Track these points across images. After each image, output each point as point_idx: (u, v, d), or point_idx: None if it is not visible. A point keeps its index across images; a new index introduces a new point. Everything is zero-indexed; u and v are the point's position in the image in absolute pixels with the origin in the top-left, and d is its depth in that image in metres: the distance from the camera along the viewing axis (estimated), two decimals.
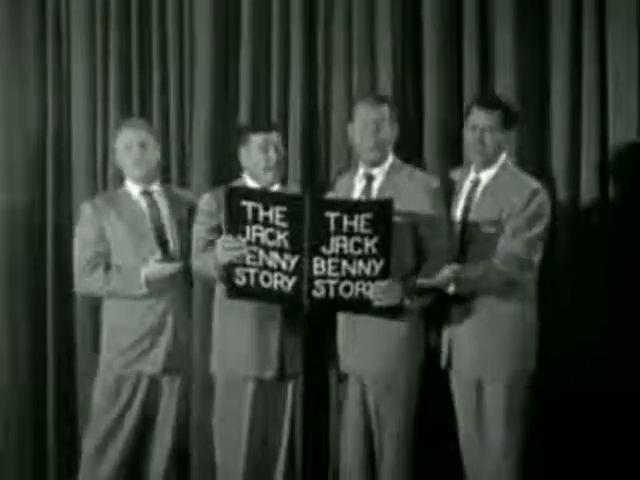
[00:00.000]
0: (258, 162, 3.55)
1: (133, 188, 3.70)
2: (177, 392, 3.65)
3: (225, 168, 4.13)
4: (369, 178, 3.53)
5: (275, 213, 3.27)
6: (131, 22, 4.34)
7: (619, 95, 3.71)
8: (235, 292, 3.36)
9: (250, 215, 3.28)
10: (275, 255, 3.29)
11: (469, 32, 3.90)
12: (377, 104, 3.51)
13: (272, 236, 3.28)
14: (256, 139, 3.54)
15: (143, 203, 3.68)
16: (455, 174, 3.61)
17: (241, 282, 3.33)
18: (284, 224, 3.27)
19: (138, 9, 4.32)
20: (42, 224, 4.42)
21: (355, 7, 4.04)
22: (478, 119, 3.42)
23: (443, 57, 3.91)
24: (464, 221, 3.45)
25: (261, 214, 3.28)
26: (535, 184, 3.43)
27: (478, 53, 3.89)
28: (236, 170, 4.09)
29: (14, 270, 4.29)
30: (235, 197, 3.30)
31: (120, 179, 3.82)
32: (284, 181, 3.73)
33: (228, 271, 3.34)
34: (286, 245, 3.28)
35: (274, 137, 3.56)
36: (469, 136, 3.46)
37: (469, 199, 3.47)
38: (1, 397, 4.28)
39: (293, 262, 3.28)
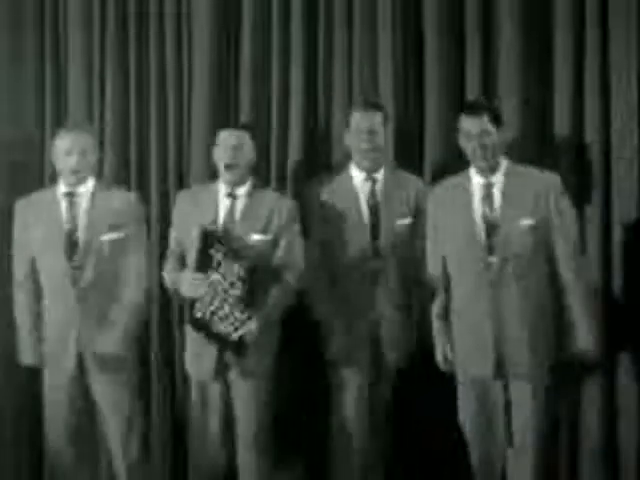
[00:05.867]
0: (220, 160, 3.63)
1: (60, 189, 3.73)
2: None
3: None
4: (373, 181, 3.69)
5: (239, 265, 3.47)
6: (129, 23, 4.30)
7: (621, 95, 3.73)
8: (193, 323, 3.56)
9: (217, 260, 3.47)
10: (232, 301, 3.48)
11: (471, 32, 3.91)
12: (371, 111, 3.67)
13: (233, 284, 3.48)
14: (222, 136, 3.62)
15: (63, 205, 3.68)
16: (455, 180, 3.57)
17: (198, 316, 3.52)
18: (245, 276, 3.47)
19: (136, 10, 4.29)
20: None
21: (356, 7, 4.04)
22: (470, 126, 3.43)
23: (445, 58, 3.92)
24: (490, 223, 3.42)
25: (226, 262, 3.47)
26: (552, 175, 3.48)
27: (480, 54, 3.90)
28: None
29: (11, 271, 4.23)
30: (208, 240, 3.48)
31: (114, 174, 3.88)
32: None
33: (190, 302, 3.55)
34: (244, 296, 3.48)
35: (241, 137, 3.61)
36: (467, 145, 3.46)
37: (487, 202, 3.44)
38: None
39: (247, 314, 3.49)
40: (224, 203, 3.63)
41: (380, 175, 3.71)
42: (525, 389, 3.41)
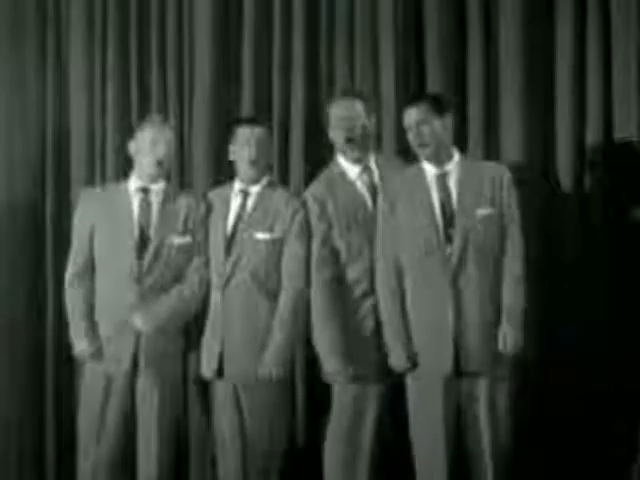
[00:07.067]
0: (242, 156, 3.58)
1: (133, 184, 3.65)
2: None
3: (225, 167, 4.14)
4: (369, 171, 3.59)
5: None
6: (130, 21, 4.33)
7: (621, 94, 3.76)
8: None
9: None
10: None
11: (472, 33, 3.94)
12: (347, 100, 3.58)
13: None
14: (243, 132, 3.59)
15: (136, 201, 3.61)
16: (408, 172, 3.55)
17: None
18: None
19: (137, 7, 4.32)
20: (42, 220, 4.39)
21: (357, 9, 4.07)
22: (409, 118, 3.43)
23: (445, 58, 3.94)
24: (449, 212, 3.41)
25: None
26: (502, 166, 3.50)
27: (481, 54, 3.93)
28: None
29: (14, 270, 4.26)
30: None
31: (117, 174, 3.85)
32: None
33: None
34: None
35: (263, 133, 3.60)
36: (409, 137, 3.46)
37: (444, 191, 3.43)
38: (0, 398, 4.23)
39: None
40: (236, 201, 3.62)
41: (373, 164, 3.63)
42: (482, 385, 3.36)
